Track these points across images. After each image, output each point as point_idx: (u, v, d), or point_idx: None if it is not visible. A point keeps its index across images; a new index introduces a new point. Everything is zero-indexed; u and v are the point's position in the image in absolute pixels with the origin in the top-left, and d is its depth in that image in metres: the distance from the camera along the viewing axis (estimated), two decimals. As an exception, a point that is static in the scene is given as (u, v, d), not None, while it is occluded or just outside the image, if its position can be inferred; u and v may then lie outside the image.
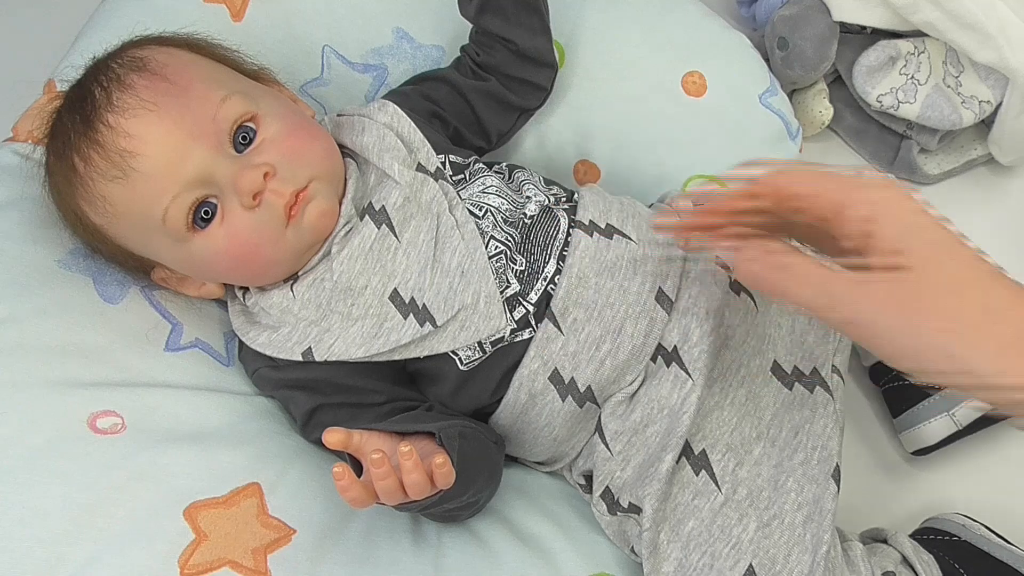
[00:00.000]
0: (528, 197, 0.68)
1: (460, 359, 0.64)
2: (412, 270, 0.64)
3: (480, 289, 0.63)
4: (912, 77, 0.88)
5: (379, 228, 0.65)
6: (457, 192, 0.67)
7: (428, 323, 0.63)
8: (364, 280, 0.64)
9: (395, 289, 0.63)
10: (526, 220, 0.67)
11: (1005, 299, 0.46)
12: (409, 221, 0.65)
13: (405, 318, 0.63)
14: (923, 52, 0.88)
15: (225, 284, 0.68)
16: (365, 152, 0.68)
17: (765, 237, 0.54)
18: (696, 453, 0.63)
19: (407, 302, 0.63)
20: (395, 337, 0.63)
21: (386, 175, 0.66)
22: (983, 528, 0.71)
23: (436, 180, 0.67)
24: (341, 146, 0.69)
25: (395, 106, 0.70)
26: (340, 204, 0.66)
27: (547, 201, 0.68)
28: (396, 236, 0.64)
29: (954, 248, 0.48)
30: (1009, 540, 0.70)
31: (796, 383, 0.66)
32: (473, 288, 0.63)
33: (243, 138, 0.63)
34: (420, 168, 0.67)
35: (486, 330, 0.63)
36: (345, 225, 0.65)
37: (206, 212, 0.62)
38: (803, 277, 0.50)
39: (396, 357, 0.64)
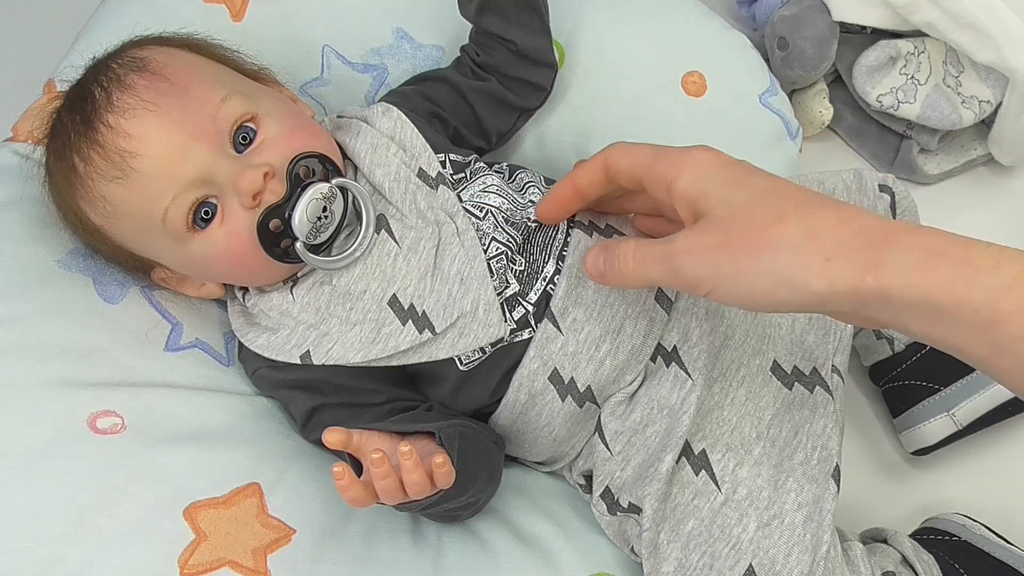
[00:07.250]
0: (532, 201, 0.68)
1: (460, 359, 0.64)
2: (412, 276, 0.64)
3: (479, 296, 0.63)
4: (912, 77, 0.88)
5: (379, 233, 0.65)
6: (458, 193, 0.67)
7: (427, 330, 0.63)
8: (363, 285, 0.64)
9: (394, 295, 0.63)
10: (530, 224, 0.67)
11: (828, 220, 0.48)
12: (409, 228, 0.65)
13: (404, 324, 0.63)
14: (923, 52, 0.88)
15: (225, 284, 0.68)
16: (356, 159, 0.68)
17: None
18: (696, 453, 0.63)
19: (406, 308, 0.63)
20: (393, 343, 0.63)
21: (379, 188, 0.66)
22: (983, 528, 0.71)
23: (437, 187, 0.67)
24: (341, 148, 0.69)
25: (399, 111, 0.69)
26: None
27: None
28: (396, 241, 0.64)
29: (750, 181, 0.50)
30: (1009, 540, 0.70)
31: (796, 383, 0.66)
32: (472, 295, 0.63)
33: (243, 138, 0.63)
34: (421, 173, 0.67)
35: (485, 337, 0.63)
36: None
37: (206, 212, 0.62)
38: (628, 256, 0.54)
39: (395, 363, 0.64)
